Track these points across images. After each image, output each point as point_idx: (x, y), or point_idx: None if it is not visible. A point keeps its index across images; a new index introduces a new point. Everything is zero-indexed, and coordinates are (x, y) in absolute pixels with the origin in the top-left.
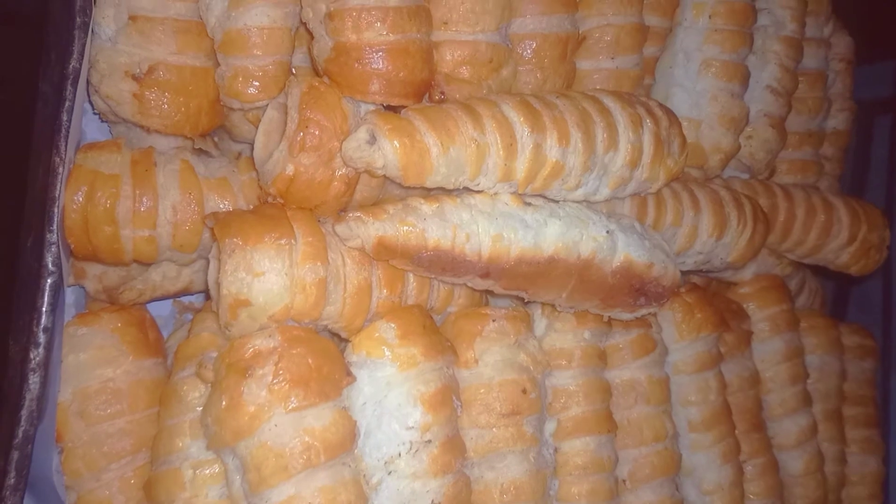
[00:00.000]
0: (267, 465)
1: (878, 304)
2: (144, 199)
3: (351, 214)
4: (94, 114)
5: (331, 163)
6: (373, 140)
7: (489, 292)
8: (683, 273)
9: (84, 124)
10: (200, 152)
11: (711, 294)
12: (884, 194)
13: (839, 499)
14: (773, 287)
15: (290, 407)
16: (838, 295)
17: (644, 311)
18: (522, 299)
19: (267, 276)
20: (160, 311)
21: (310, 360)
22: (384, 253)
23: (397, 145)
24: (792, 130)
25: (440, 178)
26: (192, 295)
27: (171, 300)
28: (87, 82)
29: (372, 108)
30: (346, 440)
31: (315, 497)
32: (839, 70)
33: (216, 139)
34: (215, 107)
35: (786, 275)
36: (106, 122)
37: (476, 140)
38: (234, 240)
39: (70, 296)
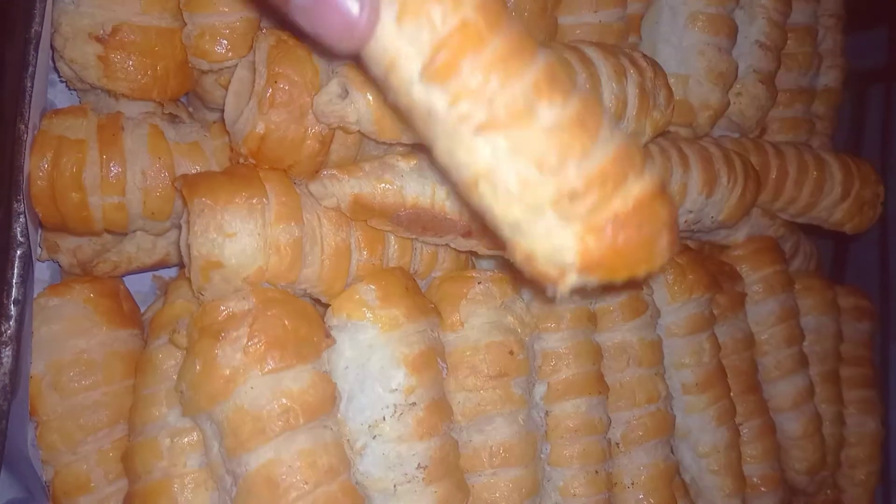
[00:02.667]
0: (244, 429)
1: (875, 273)
2: (112, 165)
3: (325, 172)
4: (61, 81)
5: (303, 120)
6: (345, 93)
7: (474, 254)
8: None
9: (53, 96)
10: (171, 117)
11: (704, 256)
12: (879, 165)
13: (838, 460)
14: (766, 248)
15: (266, 369)
16: (835, 264)
17: None
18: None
19: (239, 237)
20: (140, 286)
21: (286, 322)
22: (361, 212)
23: (370, 98)
24: (782, 88)
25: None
26: (171, 268)
27: (151, 276)
28: (53, 49)
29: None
30: (326, 402)
31: (294, 460)
32: (829, 26)
33: (191, 109)
34: (184, 69)
35: (779, 236)
36: (74, 90)
37: None
38: (203, 199)
39: (45, 272)
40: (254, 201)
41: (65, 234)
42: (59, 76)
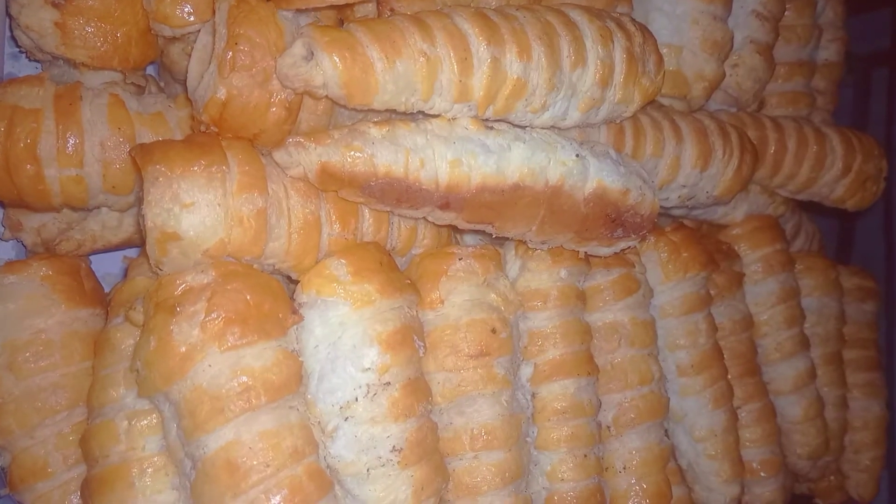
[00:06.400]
0: (202, 410)
1: (881, 256)
2: (69, 136)
3: (291, 139)
4: (22, 52)
5: (267, 84)
6: (310, 55)
7: (455, 229)
8: (669, 212)
9: (17, 69)
10: (135, 87)
11: (700, 235)
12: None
13: (841, 445)
14: (765, 227)
15: (225, 346)
16: (840, 246)
17: (623, 245)
18: (498, 239)
19: (197, 207)
20: (110, 267)
21: (248, 296)
22: (329, 182)
23: (337, 60)
24: (781, 61)
25: (388, 98)
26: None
27: (122, 256)
28: (9, 17)
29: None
30: (291, 381)
31: (256, 442)
32: None
33: (162, 83)
34: (146, 37)
35: (779, 215)
36: (38, 62)
37: (426, 53)
38: (158, 167)
39: (10, 251)
40: (213, 169)
41: (28, 212)
42: (19, 46)
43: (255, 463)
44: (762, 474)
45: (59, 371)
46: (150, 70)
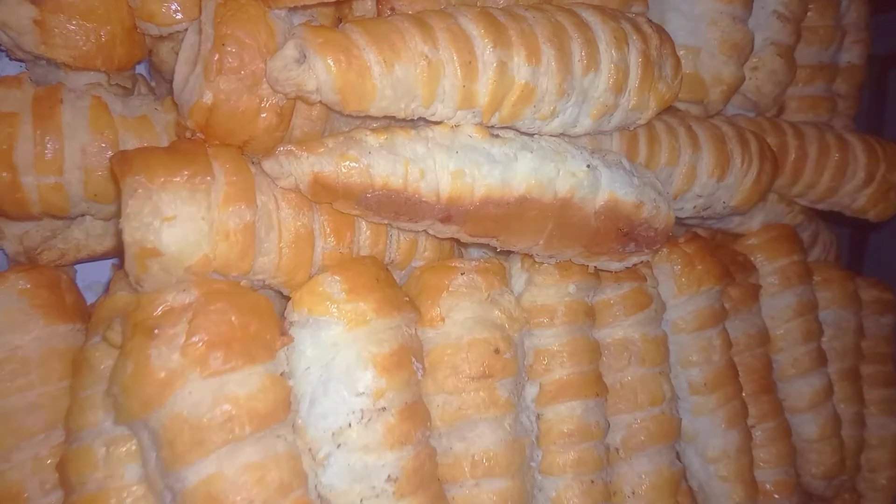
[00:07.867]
0: (181, 440)
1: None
2: (48, 141)
3: (282, 148)
4: (2, 51)
5: (256, 89)
6: (302, 58)
7: (458, 242)
8: (683, 221)
9: (0, 68)
10: (120, 89)
11: (715, 245)
12: None
13: (858, 464)
14: (783, 237)
15: (207, 371)
16: (852, 255)
17: (635, 260)
18: (503, 251)
19: (179, 221)
20: (99, 276)
21: (233, 318)
22: (322, 193)
23: (331, 63)
24: (802, 64)
25: (386, 104)
26: None
27: (110, 264)
28: None
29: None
30: (278, 409)
31: (239, 475)
32: None
33: (153, 83)
34: (132, 36)
35: (797, 224)
36: (21, 62)
37: (427, 56)
38: (137, 178)
39: None
40: (197, 180)
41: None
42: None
43: (238, 498)
44: (775, 496)
45: (37, 390)
46: (142, 70)
